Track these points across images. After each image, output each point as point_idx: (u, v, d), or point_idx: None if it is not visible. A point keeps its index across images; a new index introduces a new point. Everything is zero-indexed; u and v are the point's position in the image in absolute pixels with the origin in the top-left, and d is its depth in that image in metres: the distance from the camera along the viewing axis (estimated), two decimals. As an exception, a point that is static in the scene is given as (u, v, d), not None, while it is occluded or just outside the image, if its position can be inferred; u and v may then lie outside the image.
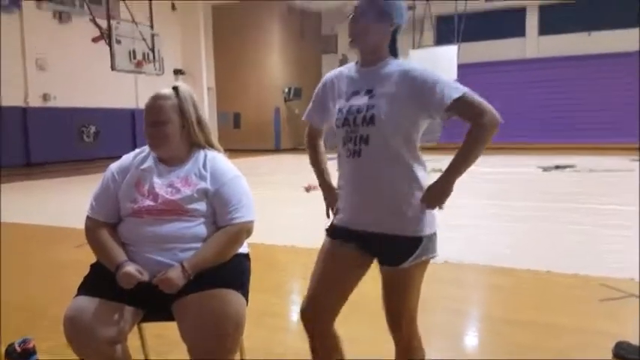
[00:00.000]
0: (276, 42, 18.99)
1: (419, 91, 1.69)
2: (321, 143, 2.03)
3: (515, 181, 8.95)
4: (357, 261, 1.82)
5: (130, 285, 1.74)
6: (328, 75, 1.91)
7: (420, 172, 1.76)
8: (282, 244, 4.51)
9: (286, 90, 19.32)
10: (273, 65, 19.17)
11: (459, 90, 1.68)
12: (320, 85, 1.91)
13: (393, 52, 1.79)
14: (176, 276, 1.74)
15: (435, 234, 1.80)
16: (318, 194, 2.00)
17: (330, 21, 20.24)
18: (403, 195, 1.73)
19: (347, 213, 1.82)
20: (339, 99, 1.83)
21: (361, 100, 1.74)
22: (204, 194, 1.86)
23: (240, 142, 18.18)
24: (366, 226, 1.77)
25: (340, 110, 1.79)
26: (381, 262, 1.80)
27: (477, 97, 1.69)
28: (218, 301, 1.72)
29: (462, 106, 1.68)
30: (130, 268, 1.75)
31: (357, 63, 1.83)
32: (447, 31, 17.51)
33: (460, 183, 1.68)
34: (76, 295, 1.81)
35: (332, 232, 1.86)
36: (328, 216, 1.92)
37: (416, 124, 1.74)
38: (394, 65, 1.76)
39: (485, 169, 10.78)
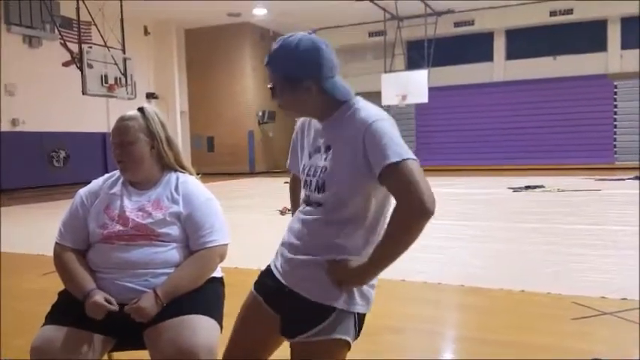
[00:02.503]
0: (249, 66, 19.06)
1: (364, 146, 1.39)
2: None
3: (487, 202, 9.07)
4: (271, 323, 1.57)
5: (99, 316, 1.69)
6: (301, 120, 1.69)
7: (361, 242, 1.48)
8: (256, 268, 4.46)
9: (260, 113, 19.34)
10: (247, 89, 19.22)
11: (400, 154, 1.34)
12: (295, 131, 1.71)
13: (340, 98, 1.49)
14: (149, 304, 1.69)
15: (355, 315, 1.47)
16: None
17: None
18: (329, 258, 1.47)
19: (278, 257, 1.63)
20: (302, 152, 1.62)
21: (319, 160, 1.52)
22: (177, 218, 1.83)
23: (214, 165, 18.07)
24: (286, 278, 1.54)
25: (303, 170, 1.59)
26: (281, 331, 1.53)
27: (416, 171, 1.34)
28: (190, 328, 1.68)
29: (393, 176, 1.34)
30: (99, 297, 1.70)
31: None
32: (417, 55, 17.85)
33: (436, 204, 1.50)
34: (44, 325, 1.75)
35: (260, 278, 1.68)
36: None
37: (365, 189, 1.44)
38: (349, 114, 1.47)
39: (457, 190, 10.91)
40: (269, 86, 1.52)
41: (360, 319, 1.50)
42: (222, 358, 1.67)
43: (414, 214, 1.33)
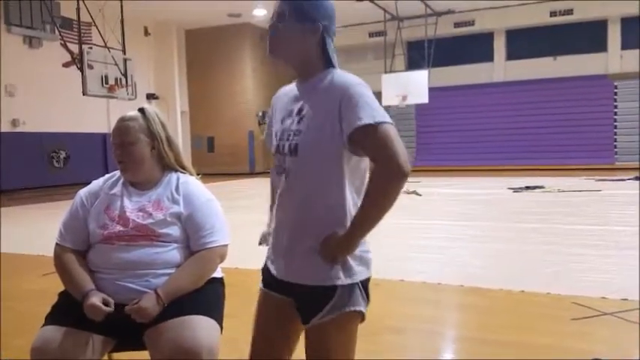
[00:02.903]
0: (250, 66, 19.07)
1: (340, 111, 1.38)
2: None
3: (487, 202, 9.06)
4: (285, 312, 1.55)
5: (97, 318, 1.69)
6: (274, 97, 1.66)
7: (345, 213, 1.43)
8: (257, 268, 4.46)
9: (260, 114, 19.34)
10: (247, 89, 19.22)
11: (373, 117, 1.33)
12: (270, 106, 1.68)
13: (329, 62, 1.48)
14: (150, 305, 1.69)
15: (358, 285, 1.46)
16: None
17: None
18: (318, 238, 1.43)
19: (270, 252, 1.59)
20: (276, 121, 1.58)
21: (292, 124, 1.48)
22: (177, 218, 1.83)
23: (215, 166, 18.07)
24: (282, 273, 1.52)
25: (275, 134, 1.55)
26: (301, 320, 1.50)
27: (392, 134, 1.33)
28: (191, 329, 1.68)
29: (367, 137, 1.33)
30: (96, 299, 1.69)
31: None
32: (417, 56, 17.85)
33: (433, 205, 1.45)
34: (44, 325, 1.75)
35: (262, 274, 1.64)
36: (260, 244, 1.70)
37: (341, 155, 1.40)
38: (329, 78, 1.45)
39: (457, 190, 10.91)
40: (274, 17, 1.45)
41: (365, 284, 1.48)
42: (249, 358, 1.64)
43: (390, 176, 1.32)
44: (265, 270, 1.62)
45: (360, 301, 1.46)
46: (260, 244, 1.70)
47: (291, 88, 1.57)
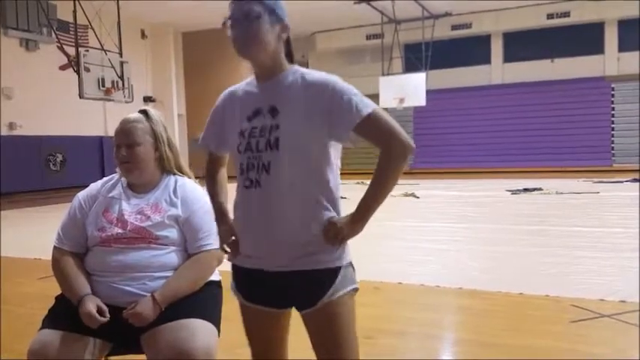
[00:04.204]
0: (247, 68, 18.97)
1: (329, 105, 1.44)
2: (223, 172, 1.80)
3: (485, 205, 9.07)
4: (273, 320, 1.59)
5: (93, 326, 1.68)
6: (224, 93, 1.66)
7: (336, 195, 1.51)
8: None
9: (257, 117, 19.38)
10: (244, 92, 19.23)
11: (369, 106, 1.45)
12: (216, 105, 1.67)
13: (290, 59, 1.55)
14: (147, 309, 1.69)
15: (351, 264, 1.55)
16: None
17: (299, 48, 20.48)
18: (308, 226, 1.46)
19: (246, 249, 1.55)
20: (237, 120, 1.56)
21: (264, 121, 1.49)
22: (175, 221, 1.83)
23: (212, 169, 18.07)
24: (278, 264, 1.49)
25: (242, 133, 1.52)
26: (297, 308, 1.54)
27: (386, 116, 1.46)
28: (188, 332, 1.68)
29: (371, 125, 1.43)
30: (91, 307, 1.69)
31: (256, 77, 1.56)
32: (415, 58, 17.88)
33: (431, 208, 1.49)
34: (41, 328, 1.74)
35: (235, 281, 1.62)
36: (225, 251, 1.63)
37: (325, 148, 1.48)
38: (297, 75, 1.50)
39: (455, 192, 10.92)
40: (245, 15, 1.46)
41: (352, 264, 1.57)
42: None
43: (400, 154, 1.44)
44: (240, 280, 1.59)
45: (355, 278, 1.56)
46: (226, 253, 1.62)
47: (243, 88, 1.60)
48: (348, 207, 1.50)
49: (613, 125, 17.09)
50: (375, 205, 1.47)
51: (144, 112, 1.90)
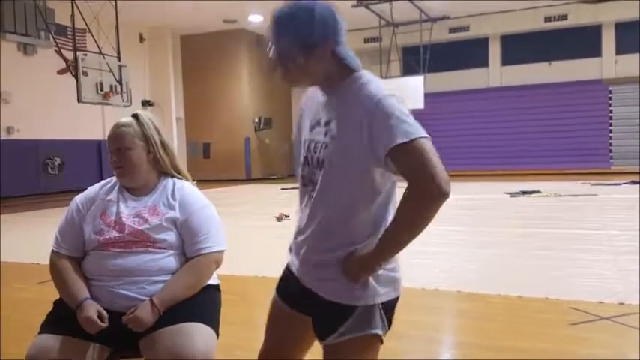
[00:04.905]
0: (246, 72, 19.08)
1: (371, 125, 1.30)
2: None
3: (484, 207, 9.07)
4: (298, 327, 1.53)
5: (92, 331, 1.68)
6: (306, 94, 1.59)
7: (369, 230, 1.38)
8: (253, 274, 4.45)
9: (256, 120, 19.35)
10: (243, 95, 19.23)
11: (409, 134, 1.26)
12: (300, 108, 1.62)
13: (349, 67, 1.41)
14: (146, 314, 1.68)
15: (379, 306, 1.39)
16: (290, 223, 1.98)
17: (298, 52, 20.46)
18: (341, 253, 1.38)
19: (293, 258, 1.54)
20: (306, 127, 1.51)
21: (319, 135, 1.42)
22: (173, 224, 1.82)
23: (211, 172, 18.05)
24: (302, 278, 1.47)
25: (304, 145, 1.48)
26: (314, 332, 1.46)
27: (427, 149, 1.26)
28: (187, 336, 1.67)
29: (403, 156, 1.26)
30: (91, 312, 1.68)
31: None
32: (413, 61, 17.90)
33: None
34: (39, 333, 1.73)
35: (280, 281, 1.62)
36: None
37: (369, 172, 1.34)
38: (356, 86, 1.37)
39: (454, 195, 10.88)
40: (274, 57, 1.38)
41: (387, 307, 1.41)
42: (258, 358, 1.64)
43: (427, 195, 1.24)
44: (284, 278, 1.59)
45: (379, 323, 1.39)
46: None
47: (317, 92, 1.50)
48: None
49: (611, 128, 17.13)
50: (392, 246, 1.34)
51: (135, 116, 1.90)
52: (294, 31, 1.34)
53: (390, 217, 1.38)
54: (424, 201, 1.25)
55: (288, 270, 1.59)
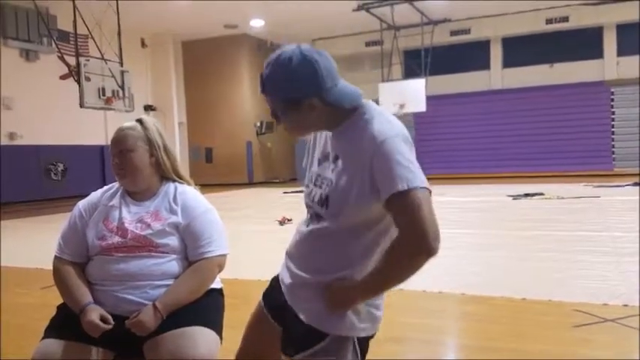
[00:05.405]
0: (247, 77, 19.12)
1: (371, 167, 1.30)
2: None
3: (486, 210, 9.06)
4: (274, 337, 1.53)
5: (95, 334, 1.68)
6: None
7: (359, 264, 1.38)
8: (256, 278, 4.44)
9: (258, 124, 19.37)
10: (245, 99, 19.26)
11: (408, 181, 1.24)
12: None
13: (350, 104, 1.38)
14: (149, 318, 1.69)
15: (353, 340, 1.39)
16: (292, 227, 1.98)
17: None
18: (329, 277, 1.39)
19: (283, 267, 1.57)
20: (315, 158, 1.51)
21: (327, 171, 1.42)
22: (176, 228, 1.82)
23: (213, 176, 18.06)
24: (287, 295, 1.50)
25: (310, 177, 1.49)
26: (281, 347, 1.48)
27: (423, 202, 1.24)
28: (190, 340, 1.68)
29: (398, 205, 1.24)
30: (94, 315, 1.69)
31: None
32: (414, 64, 17.92)
33: (435, 213, 1.40)
34: (43, 338, 1.74)
35: (269, 285, 1.64)
36: None
37: (370, 208, 1.34)
38: (361, 125, 1.35)
39: (456, 198, 10.91)
40: (270, 113, 1.42)
41: (362, 342, 1.42)
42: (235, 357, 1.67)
43: (415, 251, 1.24)
44: (271, 287, 1.63)
45: (349, 356, 1.39)
46: None
47: None
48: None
49: (613, 129, 17.09)
50: (372, 289, 1.35)
51: (138, 121, 1.91)
52: (275, 91, 1.37)
53: (385, 245, 1.37)
54: (410, 256, 1.25)
55: (276, 281, 1.62)
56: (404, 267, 1.27)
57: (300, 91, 1.33)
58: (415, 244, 1.23)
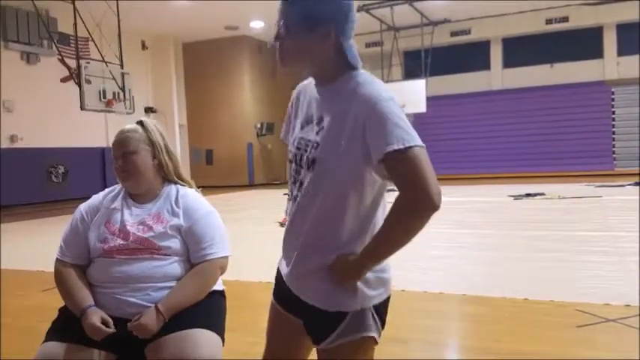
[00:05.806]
0: (248, 78, 19.13)
1: (365, 128, 1.25)
2: None
3: (488, 210, 9.05)
4: (295, 331, 1.47)
5: (97, 338, 1.68)
6: (298, 86, 1.53)
7: (357, 237, 1.35)
8: (257, 280, 4.44)
9: (258, 125, 19.38)
10: (245, 101, 19.27)
11: (405, 140, 1.21)
12: (291, 99, 1.54)
13: (349, 64, 1.34)
14: (151, 321, 1.68)
15: (370, 309, 1.37)
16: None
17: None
18: (328, 258, 1.35)
19: (281, 259, 1.52)
20: (297, 123, 1.46)
21: (311, 134, 1.37)
22: (177, 231, 1.82)
23: (214, 178, 18.07)
24: (292, 286, 1.44)
25: (292, 141, 1.44)
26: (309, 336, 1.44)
27: (422, 159, 1.22)
28: (192, 343, 1.67)
29: (396, 164, 1.22)
30: (95, 318, 1.68)
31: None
32: (414, 65, 17.92)
33: (434, 214, 1.25)
34: (45, 341, 1.74)
35: (275, 284, 1.57)
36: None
37: (360, 173, 1.30)
38: (352, 86, 1.31)
39: (458, 198, 10.90)
40: (276, 33, 1.34)
41: (379, 308, 1.39)
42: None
43: (418, 207, 1.22)
44: (278, 279, 1.55)
45: (372, 326, 1.37)
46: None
47: (312, 86, 1.44)
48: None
49: (614, 129, 17.10)
50: (378, 254, 1.32)
51: (139, 123, 1.91)
52: (304, 2, 1.30)
53: (379, 217, 1.36)
54: (416, 213, 1.23)
55: (279, 273, 1.56)
56: (409, 225, 1.24)
57: (323, 13, 1.29)
58: (420, 200, 1.21)
